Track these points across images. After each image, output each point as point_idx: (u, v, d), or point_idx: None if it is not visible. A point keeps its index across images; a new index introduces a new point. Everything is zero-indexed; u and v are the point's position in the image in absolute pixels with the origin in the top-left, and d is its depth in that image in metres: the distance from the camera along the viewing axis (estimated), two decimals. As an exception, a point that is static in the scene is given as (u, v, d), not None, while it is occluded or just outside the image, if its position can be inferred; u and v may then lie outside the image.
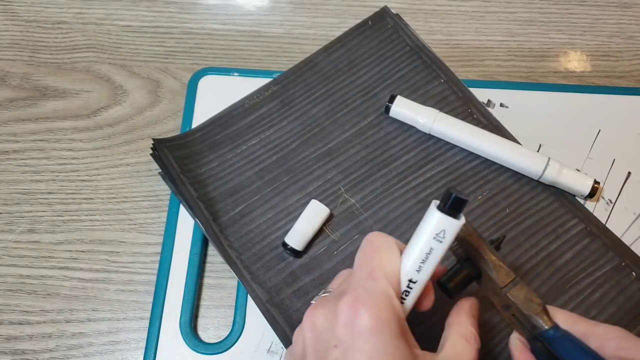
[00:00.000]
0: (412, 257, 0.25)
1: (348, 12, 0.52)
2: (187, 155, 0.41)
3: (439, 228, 0.24)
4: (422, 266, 0.25)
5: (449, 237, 0.24)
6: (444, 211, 0.24)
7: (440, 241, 0.24)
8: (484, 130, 0.41)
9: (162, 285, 0.38)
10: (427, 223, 0.25)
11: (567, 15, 0.52)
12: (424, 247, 0.25)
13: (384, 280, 0.24)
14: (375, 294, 0.24)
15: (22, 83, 0.48)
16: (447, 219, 0.24)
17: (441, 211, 0.24)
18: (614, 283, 0.37)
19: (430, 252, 0.25)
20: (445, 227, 0.24)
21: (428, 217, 0.25)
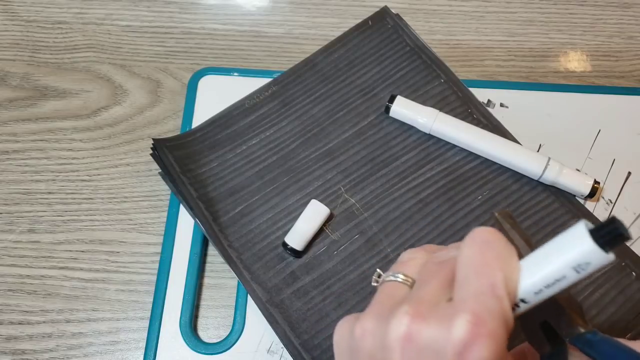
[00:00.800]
0: (538, 277, 0.21)
1: (348, 12, 0.52)
2: (187, 155, 0.41)
3: (584, 259, 0.20)
4: (544, 291, 0.21)
5: (589, 271, 0.20)
6: (598, 242, 0.19)
7: (579, 272, 0.20)
8: (484, 130, 0.41)
9: (162, 285, 0.38)
10: (571, 247, 0.20)
11: (567, 15, 0.52)
12: (557, 272, 0.20)
13: (506, 299, 0.20)
14: (498, 318, 0.19)
15: (22, 83, 0.48)
16: (598, 251, 0.19)
17: (594, 241, 0.19)
18: (614, 283, 0.37)
19: (560, 280, 0.20)
20: (592, 259, 0.19)
21: (574, 240, 0.20)
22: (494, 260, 0.20)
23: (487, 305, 0.19)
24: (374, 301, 0.23)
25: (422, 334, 0.20)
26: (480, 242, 0.21)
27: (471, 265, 0.21)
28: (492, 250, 0.21)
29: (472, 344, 0.19)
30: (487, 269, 0.20)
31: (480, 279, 0.20)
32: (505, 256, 0.21)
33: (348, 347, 0.23)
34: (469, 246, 0.21)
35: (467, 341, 0.19)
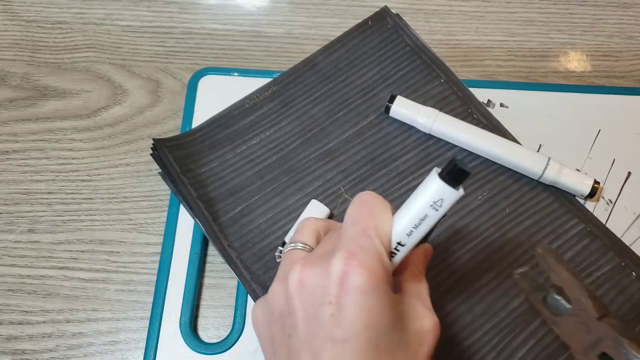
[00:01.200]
0: (405, 220, 0.25)
1: (348, 12, 0.52)
2: (187, 155, 0.41)
3: (437, 196, 0.24)
4: (414, 231, 0.25)
5: (445, 207, 0.24)
6: (445, 180, 0.23)
7: (437, 209, 0.24)
8: (484, 130, 0.41)
9: (162, 285, 0.38)
10: (425, 189, 0.24)
11: (567, 15, 0.52)
12: (419, 212, 0.24)
13: (377, 238, 0.24)
14: (369, 252, 0.24)
15: (22, 83, 0.48)
16: (447, 188, 0.23)
17: (442, 179, 0.23)
18: (614, 283, 0.37)
19: (424, 219, 0.24)
20: (444, 196, 0.23)
21: (427, 184, 0.24)
22: (367, 213, 0.25)
23: (359, 243, 0.24)
24: (278, 271, 0.27)
25: (310, 276, 0.24)
26: (358, 202, 0.26)
27: (349, 219, 0.25)
28: (366, 205, 0.26)
29: (348, 273, 0.23)
30: (360, 218, 0.25)
31: (355, 226, 0.25)
32: (377, 209, 0.25)
33: (264, 318, 0.27)
34: (351, 206, 0.26)
35: (343, 271, 0.23)
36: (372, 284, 0.23)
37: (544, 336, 0.35)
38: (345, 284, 0.23)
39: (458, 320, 0.36)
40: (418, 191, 0.25)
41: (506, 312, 0.36)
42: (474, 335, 0.35)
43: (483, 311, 0.36)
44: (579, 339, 0.27)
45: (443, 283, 0.37)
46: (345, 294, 0.23)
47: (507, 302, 0.36)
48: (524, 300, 0.36)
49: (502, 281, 0.37)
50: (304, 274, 0.25)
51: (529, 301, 0.34)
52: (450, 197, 0.23)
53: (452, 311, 0.36)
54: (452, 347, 0.35)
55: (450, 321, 0.36)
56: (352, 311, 0.23)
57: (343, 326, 0.23)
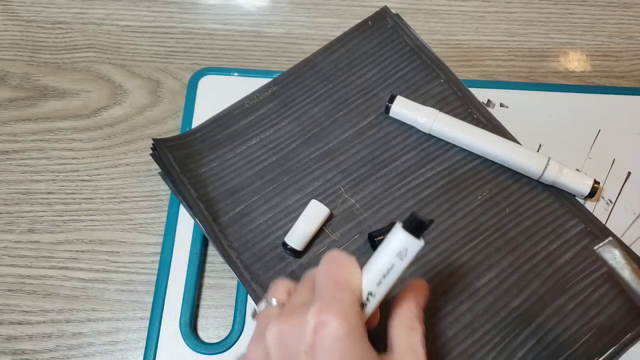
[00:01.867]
0: (374, 271, 0.26)
1: (348, 12, 0.52)
2: (187, 155, 0.41)
3: (402, 246, 0.26)
4: (382, 280, 0.26)
5: (409, 256, 0.26)
6: (408, 230, 0.26)
7: (402, 259, 0.26)
8: (484, 130, 0.41)
9: (162, 285, 0.38)
10: (391, 241, 0.26)
11: (567, 15, 0.52)
12: (386, 262, 0.26)
13: (348, 289, 0.26)
14: (342, 302, 0.25)
15: (22, 83, 0.48)
16: (410, 238, 0.26)
17: (405, 230, 0.26)
18: (614, 283, 0.37)
19: (391, 268, 0.26)
20: (408, 245, 0.26)
21: (392, 235, 0.26)
22: (337, 267, 0.27)
23: (332, 295, 0.25)
24: (254, 331, 0.28)
25: (287, 329, 0.25)
26: (328, 259, 0.27)
27: (322, 274, 0.27)
28: (335, 261, 0.27)
29: (323, 322, 0.24)
30: (331, 272, 0.26)
31: (327, 281, 0.26)
32: (346, 263, 0.27)
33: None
34: (322, 264, 0.27)
35: (318, 321, 0.24)
36: (345, 330, 0.24)
37: (544, 336, 0.35)
38: (319, 332, 0.24)
39: (458, 320, 0.36)
40: (384, 244, 0.27)
41: (506, 312, 0.36)
42: (474, 335, 0.35)
43: (483, 311, 0.36)
44: None
45: (443, 283, 0.37)
46: (320, 341, 0.24)
47: (507, 302, 0.36)
48: (524, 300, 0.37)
49: (502, 281, 0.37)
50: (281, 328, 0.26)
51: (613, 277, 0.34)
52: (413, 247, 0.26)
53: (452, 311, 0.36)
54: (452, 347, 0.35)
55: (450, 321, 0.36)
56: (325, 357, 0.23)
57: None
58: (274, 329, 0.26)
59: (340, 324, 0.24)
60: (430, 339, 0.35)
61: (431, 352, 0.35)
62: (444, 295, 0.37)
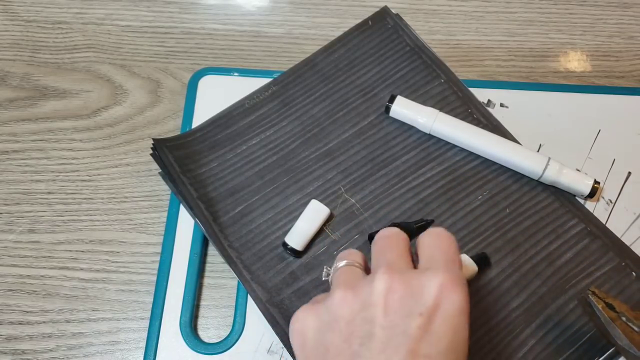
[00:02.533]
0: None
1: (348, 12, 0.52)
2: (187, 155, 0.41)
3: None
4: None
5: None
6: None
7: None
8: (484, 130, 0.41)
9: (162, 285, 0.38)
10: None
11: (567, 15, 0.52)
12: None
13: (461, 268, 0.27)
14: (462, 279, 0.25)
15: (22, 83, 0.48)
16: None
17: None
18: (614, 283, 0.37)
19: None
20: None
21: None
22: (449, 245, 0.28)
23: (455, 270, 0.26)
24: (335, 284, 0.27)
25: (402, 285, 0.24)
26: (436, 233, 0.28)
27: (432, 245, 0.27)
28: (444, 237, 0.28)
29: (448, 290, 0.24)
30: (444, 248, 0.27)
31: (442, 254, 0.27)
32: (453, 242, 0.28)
33: (317, 326, 0.26)
34: (429, 236, 0.28)
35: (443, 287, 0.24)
36: (465, 307, 0.24)
37: (544, 336, 0.35)
38: (443, 299, 0.24)
39: (458, 320, 0.36)
40: None
41: (506, 312, 0.36)
42: (474, 335, 0.35)
43: (483, 311, 0.36)
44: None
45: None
46: (441, 308, 0.24)
47: (507, 302, 0.36)
48: (524, 300, 0.37)
49: (502, 281, 0.37)
50: (393, 282, 0.25)
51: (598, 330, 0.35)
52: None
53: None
54: (452, 347, 0.35)
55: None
56: (443, 328, 0.23)
57: (429, 341, 0.23)
58: (384, 280, 0.25)
59: (464, 299, 0.24)
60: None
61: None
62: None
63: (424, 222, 0.38)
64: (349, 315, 0.25)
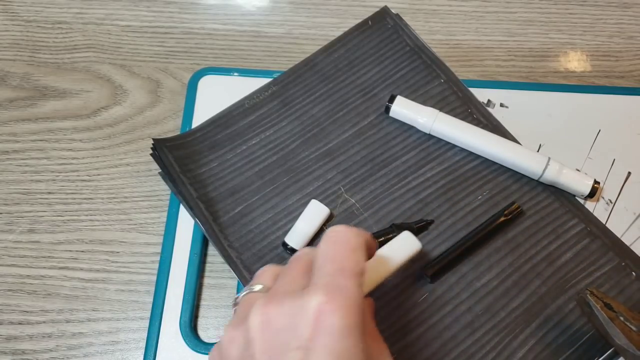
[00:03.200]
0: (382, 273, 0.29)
1: (348, 12, 0.52)
2: (187, 155, 0.41)
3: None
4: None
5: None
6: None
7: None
8: (484, 130, 0.41)
9: (162, 285, 0.38)
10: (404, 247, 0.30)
11: (567, 15, 0.52)
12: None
13: (355, 276, 0.23)
14: (348, 292, 0.22)
15: (22, 83, 0.48)
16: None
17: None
18: (614, 283, 0.37)
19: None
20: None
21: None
22: (344, 250, 0.24)
23: (337, 283, 0.22)
24: (233, 316, 0.25)
25: (276, 315, 0.22)
26: (333, 236, 0.25)
27: (324, 255, 0.24)
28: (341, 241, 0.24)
29: (325, 313, 0.21)
30: (337, 255, 0.24)
31: (331, 264, 0.23)
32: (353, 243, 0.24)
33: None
34: (325, 242, 0.25)
35: (319, 310, 0.21)
36: (350, 327, 0.21)
37: (544, 336, 0.35)
38: (320, 324, 0.21)
39: (458, 321, 0.36)
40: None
41: (506, 312, 0.36)
42: (474, 335, 0.35)
43: (483, 311, 0.36)
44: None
45: (443, 283, 0.37)
46: (319, 336, 0.21)
47: (507, 302, 0.36)
48: (524, 300, 0.37)
49: (502, 281, 0.37)
50: (269, 314, 0.22)
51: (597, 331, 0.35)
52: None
53: (452, 311, 0.36)
54: (452, 347, 0.35)
55: (450, 321, 0.36)
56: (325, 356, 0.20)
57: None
58: (258, 314, 0.22)
59: (345, 318, 0.21)
60: (431, 339, 0.35)
61: (431, 353, 0.35)
62: (444, 294, 0.37)
63: (424, 222, 0.38)
64: (237, 354, 0.23)
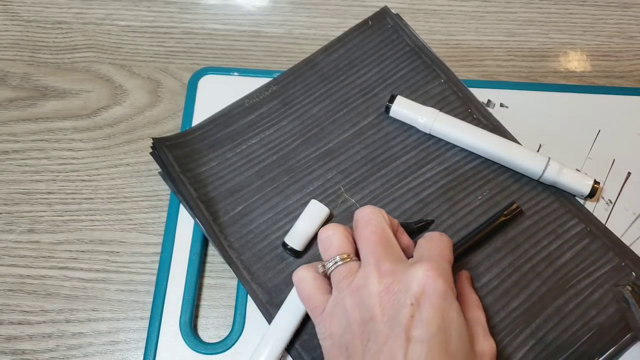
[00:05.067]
0: None
1: (348, 12, 0.52)
2: (186, 154, 0.41)
3: None
4: None
5: None
6: None
7: None
8: (484, 130, 0.41)
9: (162, 285, 0.38)
10: None
11: (567, 15, 0.52)
12: None
13: (449, 263, 0.31)
14: (446, 269, 0.29)
15: (22, 83, 0.48)
16: None
17: None
18: (614, 283, 0.37)
19: None
20: None
21: None
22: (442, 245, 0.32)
23: (438, 261, 0.29)
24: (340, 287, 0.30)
25: (392, 282, 0.28)
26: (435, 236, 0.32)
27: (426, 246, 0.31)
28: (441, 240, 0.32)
29: (430, 278, 0.28)
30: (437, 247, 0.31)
31: (433, 251, 0.31)
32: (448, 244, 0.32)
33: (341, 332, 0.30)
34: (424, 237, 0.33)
35: (426, 276, 0.28)
36: (447, 291, 0.28)
37: (544, 336, 0.35)
38: (427, 286, 0.28)
39: (458, 320, 0.36)
40: None
41: (506, 312, 0.36)
42: (474, 335, 0.35)
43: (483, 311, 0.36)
44: None
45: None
46: (425, 294, 0.27)
47: (507, 302, 0.36)
48: (524, 300, 0.37)
49: (502, 281, 0.37)
50: (386, 280, 0.29)
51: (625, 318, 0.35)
52: None
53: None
54: (452, 347, 0.35)
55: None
56: (430, 312, 0.27)
57: (420, 326, 0.27)
58: (378, 283, 0.28)
59: (446, 286, 0.28)
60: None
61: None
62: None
63: (424, 222, 0.38)
64: (360, 317, 0.29)
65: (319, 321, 0.31)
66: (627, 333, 0.36)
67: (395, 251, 0.31)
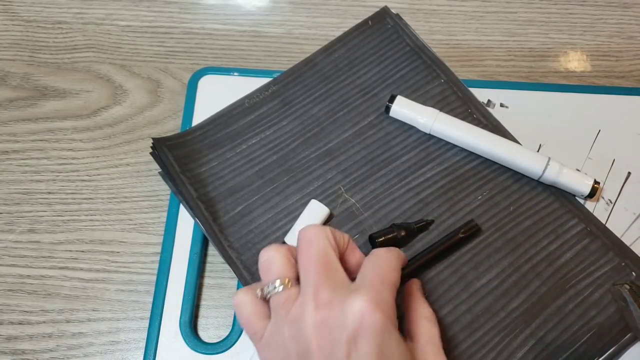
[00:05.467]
0: None
1: (348, 12, 0.52)
2: (186, 154, 0.41)
3: None
4: None
5: None
6: None
7: None
8: (484, 130, 0.41)
9: (162, 285, 0.38)
10: None
11: (567, 15, 0.52)
12: None
13: (392, 288, 0.29)
14: (386, 298, 0.28)
15: (22, 83, 0.48)
16: None
17: None
18: (613, 282, 0.37)
19: None
20: None
21: None
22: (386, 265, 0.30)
23: (378, 290, 0.28)
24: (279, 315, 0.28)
25: (329, 316, 0.27)
26: (374, 254, 0.30)
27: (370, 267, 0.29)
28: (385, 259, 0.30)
29: (368, 313, 0.26)
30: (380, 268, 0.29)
31: (375, 276, 0.29)
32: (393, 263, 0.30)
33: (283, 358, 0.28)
34: (370, 255, 0.30)
35: (364, 312, 0.26)
36: (385, 324, 0.26)
37: (544, 336, 0.35)
38: (363, 322, 0.26)
39: (458, 320, 0.36)
40: None
41: (506, 312, 0.36)
42: (474, 335, 0.35)
43: (483, 311, 0.36)
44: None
45: (443, 283, 0.37)
46: (362, 331, 0.26)
47: (507, 302, 0.36)
48: (524, 300, 0.37)
49: (502, 281, 0.37)
50: (322, 314, 0.27)
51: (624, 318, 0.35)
52: None
53: (452, 311, 0.36)
54: (452, 347, 0.35)
55: (450, 321, 0.36)
56: (367, 349, 0.26)
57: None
58: (312, 312, 0.27)
59: (383, 315, 0.26)
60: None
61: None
62: (444, 295, 0.37)
63: (424, 222, 0.38)
64: (297, 350, 0.27)
65: (259, 348, 0.29)
66: (627, 333, 0.36)
67: (336, 276, 0.29)
